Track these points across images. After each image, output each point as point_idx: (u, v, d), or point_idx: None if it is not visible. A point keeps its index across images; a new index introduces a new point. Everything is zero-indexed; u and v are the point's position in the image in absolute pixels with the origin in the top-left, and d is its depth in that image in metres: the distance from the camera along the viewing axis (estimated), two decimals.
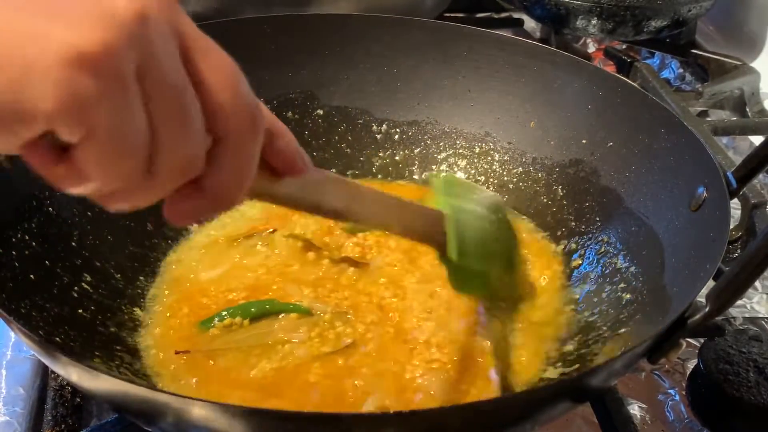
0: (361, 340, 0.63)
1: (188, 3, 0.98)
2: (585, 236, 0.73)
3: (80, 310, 0.62)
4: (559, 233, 0.76)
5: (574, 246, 0.74)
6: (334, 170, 0.84)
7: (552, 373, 0.62)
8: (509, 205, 0.80)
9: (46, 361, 0.52)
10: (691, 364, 0.67)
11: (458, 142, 0.85)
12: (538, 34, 1.25)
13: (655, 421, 0.64)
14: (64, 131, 0.32)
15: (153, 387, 0.58)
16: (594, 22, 1.05)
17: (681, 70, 1.15)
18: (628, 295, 0.65)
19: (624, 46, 1.19)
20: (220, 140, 0.37)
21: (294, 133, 0.82)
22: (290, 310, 0.65)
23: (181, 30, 0.35)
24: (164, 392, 0.52)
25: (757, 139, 0.96)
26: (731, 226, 0.70)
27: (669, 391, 0.67)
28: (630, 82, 0.93)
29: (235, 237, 0.74)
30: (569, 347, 0.64)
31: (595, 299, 0.68)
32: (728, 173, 0.62)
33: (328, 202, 0.50)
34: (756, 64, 1.08)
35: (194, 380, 0.60)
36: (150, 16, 0.33)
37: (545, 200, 0.78)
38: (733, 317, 0.73)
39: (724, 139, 0.98)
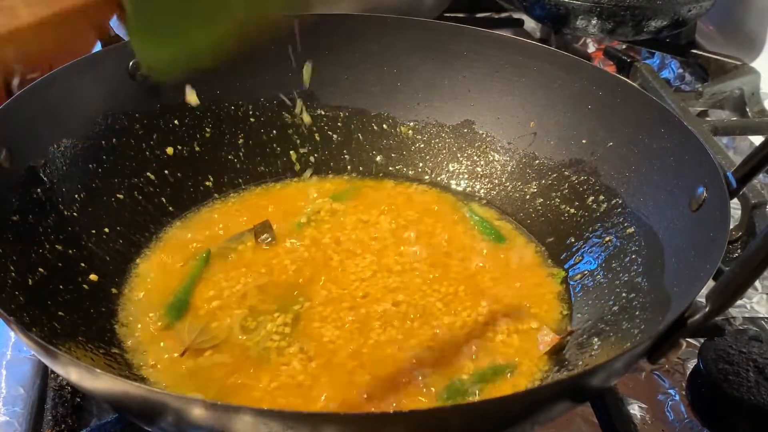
0: None
1: None
2: (585, 236, 0.73)
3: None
4: (559, 233, 0.76)
5: (573, 245, 0.74)
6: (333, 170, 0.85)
7: (551, 373, 0.63)
8: (508, 206, 0.80)
9: (46, 361, 0.52)
10: (691, 364, 0.67)
11: (458, 142, 0.85)
12: (538, 34, 1.25)
13: (655, 421, 0.64)
14: None
15: (153, 387, 0.58)
16: (594, 22, 1.05)
17: (681, 70, 1.15)
18: (627, 295, 0.65)
19: (624, 46, 1.19)
20: None
21: (295, 134, 0.84)
22: None
23: None
24: (164, 392, 0.52)
25: (757, 139, 0.95)
26: (731, 226, 0.70)
27: (669, 391, 0.67)
28: (630, 82, 0.93)
29: None
30: (569, 347, 0.64)
31: (595, 298, 0.68)
32: (728, 173, 0.62)
33: None
34: (756, 64, 1.08)
35: None
36: None
37: (545, 200, 0.78)
38: (733, 317, 0.73)
39: (724, 139, 0.98)
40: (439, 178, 0.84)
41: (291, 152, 0.84)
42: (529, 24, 1.26)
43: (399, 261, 0.73)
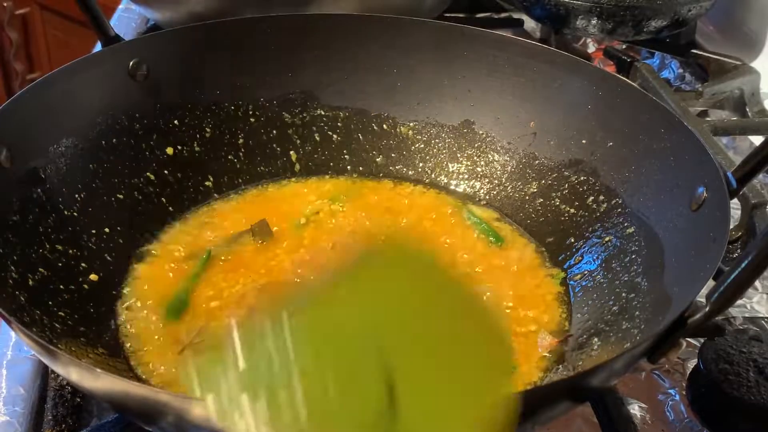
0: None
1: (188, 3, 0.98)
2: (584, 236, 0.73)
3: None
4: (558, 233, 0.76)
5: (573, 246, 0.74)
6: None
7: (551, 373, 0.63)
8: (508, 207, 0.80)
9: (47, 361, 0.52)
10: (691, 364, 0.67)
11: (458, 142, 0.85)
12: (538, 34, 1.25)
13: (655, 421, 0.64)
14: None
15: (153, 386, 0.58)
16: (594, 22, 1.05)
17: (681, 70, 1.15)
18: (627, 295, 0.65)
19: (624, 46, 1.19)
20: None
21: (295, 134, 0.84)
22: None
23: None
24: (164, 392, 0.52)
25: (757, 139, 0.95)
26: (731, 226, 0.70)
27: (669, 391, 0.67)
28: (630, 82, 0.93)
29: None
30: (568, 348, 0.64)
31: (594, 299, 0.68)
32: (728, 173, 0.62)
33: None
34: (756, 64, 1.08)
35: None
36: None
37: (545, 200, 0.78)
38: (733, 317, 0.73)
39: (724, 139, 0.98)
40: (438, 179, 0.84)
41: (291, 152, 0.85)
42: (529, 24, 1.26)
43: None
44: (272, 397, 0.35)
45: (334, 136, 0.86)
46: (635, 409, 0.65)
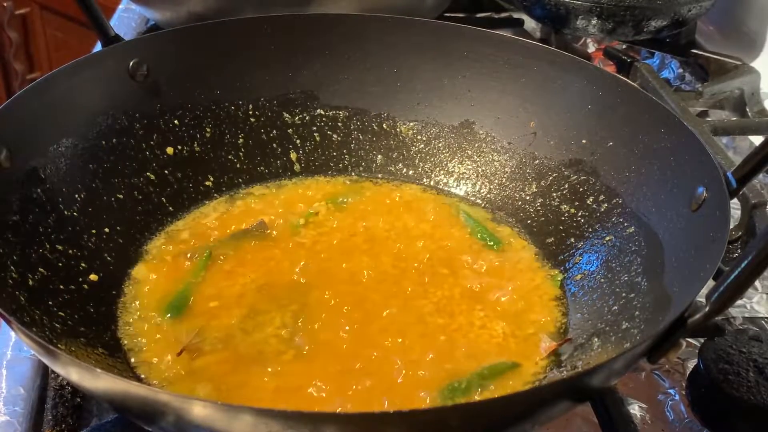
0: None
1: (188, 3, 0.98)
2: (584, 236, 0.73)
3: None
4: (558, 233, 0.76)
5: (573, 246, 0.74)
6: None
7: (551, 373, 0.63)
8: (508, 207, 0.80)
9: (47, 361, 0.52)
10: (691, 364, 0.67)
11: (458, 143, 0.85)
12: (538, 34, 1.25)
13: (655, 421, 0.64)
14: None
15: (153, 387, 0.58)
16: (594, 22, 1.05)
17: (681, 70, 1.15)
18: (627, 295, 0.65)
19: (624, 46, 1.19)
20: None
21: (295, 134, 0.84)
22: None
23: None
24: (164, 392, 0.52)
25: (757, 139, 0.95)
26: (731, 226, 0.70)
27: (669, 391, 0.67)
28: (630, 82, 0.93)
29: None
30: (568, 348, 0.64)
31: (594, 299, 0.68)
32: (728, 173, 0.62)
33: None
34: (756, 64, 1.08)
35: None
36: None
37: (545, 200, 0.78)
38: (733, 317, 0.73)
39: (724, 139, 0.98)
40: (438, 179, 0.84)
41: (291, 152, 0.85)
42: (529, 24, 1.26)
43: (396, 264, 0.73)
44: None
45: (334, 136, 0.86)
46: (635, 409, 0.65)
